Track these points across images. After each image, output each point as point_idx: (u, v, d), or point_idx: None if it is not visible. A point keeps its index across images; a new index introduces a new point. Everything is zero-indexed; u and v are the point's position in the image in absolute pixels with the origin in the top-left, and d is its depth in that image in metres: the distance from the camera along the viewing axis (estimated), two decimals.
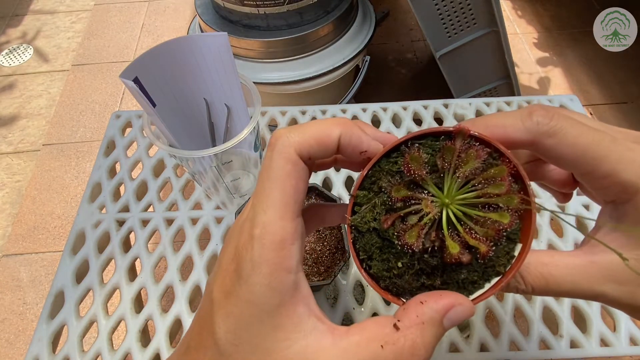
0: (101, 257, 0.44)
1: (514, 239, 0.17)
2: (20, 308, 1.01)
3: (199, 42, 0.35)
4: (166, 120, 0.35)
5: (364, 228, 0.17)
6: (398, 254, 0.17)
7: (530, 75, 1.41)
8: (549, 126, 0.17)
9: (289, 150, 0.16)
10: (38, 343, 0.39)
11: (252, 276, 0.15)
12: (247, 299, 0.15)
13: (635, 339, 0.38)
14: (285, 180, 0.16)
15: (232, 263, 0.16)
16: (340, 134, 0.17)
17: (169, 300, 0.42)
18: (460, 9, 0.89)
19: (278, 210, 0.16)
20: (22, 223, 1.14)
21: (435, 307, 0.16)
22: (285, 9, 0.83)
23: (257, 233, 0.15)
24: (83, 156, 1.28)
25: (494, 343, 0.38)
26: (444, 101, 0.56)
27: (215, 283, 0.17)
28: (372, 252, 0.17)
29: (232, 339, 0.15)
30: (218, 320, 0.16)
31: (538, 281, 0.17)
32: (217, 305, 0.16)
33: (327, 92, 1.00)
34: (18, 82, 1.50)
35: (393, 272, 0.17)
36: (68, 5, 1.80)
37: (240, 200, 0.45)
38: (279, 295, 0.15)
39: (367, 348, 0.15)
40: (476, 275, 0.17)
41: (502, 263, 0.17)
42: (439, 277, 0.17)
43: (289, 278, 0.15)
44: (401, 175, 0.17)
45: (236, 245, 0.16)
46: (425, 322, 0.15)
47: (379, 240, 0.17)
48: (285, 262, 0.15)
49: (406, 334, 0.15)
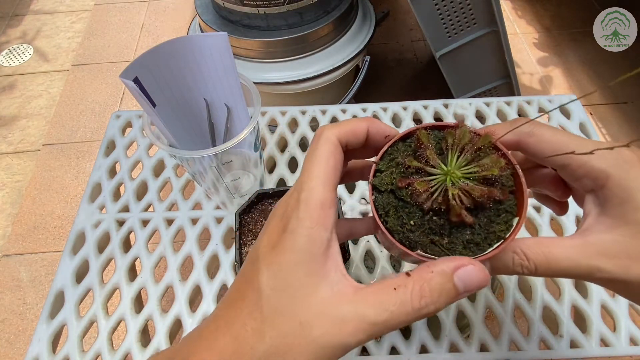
0: (101, 257, 0.44)
1: (511, 211, 0.20)
2: (20, 308, 1.01)
3: (199, 42, 0.35)
4: (166, 120, 0.35)
5: (383, 188, 0.21)
6: (410, 213, 0.20)
7: (530, 75, 1.41)
8: (529, 129, 0.22)
9: (331, 137, 0.21)
10: (38, 343, 0.39)
11: (297, 229, 0.18)
12: (291, 246, 0.18)
13: (635, 339, 0.38)
14: (329, 158, 0.20)
15: (280, 222, 0.19)
16: (367, 126, 0.22)
17: (169, 301, 0.42)
18: (460, 9, 0.89)
19: (321, 180, 0.19)
20: (22, 223, 1.14)
21: (445, 263, 0.18)
22: (285, 9, 0.83)
23: (304, 196, 0.19)
24: (83, 156, 1.28)
25: (494, 343, 0.38)
26: (444, 101, 0.56)
27: (262, 241, 0.20)
28: (388, 209, 0.21)
29: (273, 284, 0.18)
30: (262, 269, 0.19)
31: (540, 259, 0.20)
32: (262, 257, 0.19)
33: (327, 92, 1.00)
34: (18, 82, 1.50)
35: (406, 227, 0.20)
36: (68, 5, 1.80)
37: (240, 200, 0.45)
38: (316, 247, 0.18)
39: (382, 291, 0.18)
40: (479, 237, 0.20)
41: (503, 229, 0.20)
42: (446, 236, 0.20)
43: (325, 234, 0.19)
44: (414, 154, 0.21)
45: (284, 209, 0.20)
46: (435, 272, 0.18)
47: (395, 200, 0.21)
48: (324, 220, 0.19)
49: (416, 279, 0.18)
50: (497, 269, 0.21)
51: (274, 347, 0.17)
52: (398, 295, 0.18)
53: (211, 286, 0.42)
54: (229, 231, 0.46)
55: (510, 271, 0.20)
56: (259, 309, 0.18)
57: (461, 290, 0.18)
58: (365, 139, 0.22)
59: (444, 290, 0.18)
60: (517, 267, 0.20)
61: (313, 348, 0.17)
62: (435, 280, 0.18)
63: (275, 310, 0.18)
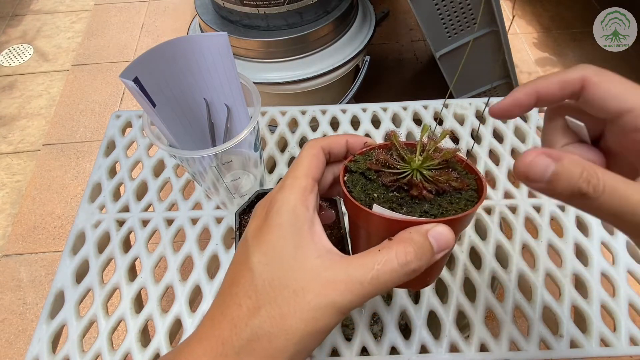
0: (101, 257, 0.44)
1: (471, 200, 0.22)
2: (20, 308, 1.01)
3: (199, 42, 0.35)
4: (166, 120, 0.35)
5: (354, 169, 0.24)
6: (376, 189, 0.23)
7: (530, 75, 1.41)
8: (595, 77, 0.20)
9: (314, 144, 0.24)
10: (38, 343, 0.39)
11: (282, 207, 0.20)
12: (278, 223, 0.20)
13: (635, 339, 0.38)
14: (312, 159, 0.23)
15: (265, 208, 0.22)
16: (347, 138, 0.25)
17: (169, 301, 0.42)
18: (460, 9, 0.89)
19: (304, 172, 0.22)
20: (22, 223, 1.14)
21: (420, 226, 0.20)
22: (285, 9, 0.83)
23: (288, 182, 0.22)
24: (83, 156, 1.28)
25: (493, 343, 0.38)
26: (444, 101, 0.56)
27: (249, 229, 0.22)
28: (356, 184, 0.23)
29: (264, 259, 0.20)
30: (253, 250, 0.20)
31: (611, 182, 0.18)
32: (251, 240, 0.21)
33: (327, 92, 1.00)
34: (18, 82, 1.50)
35: (369, 197, 0.22)
36: (68, 5, 1.80)
37: (240, 200, 0.45)
38: (300, 223, 0.20)
39: (367, 254, 0.20)
40: (437, 210, 0.21)
41: (461, 208, 0.22)
42: (405, 207, 0.22)
43: (308, 212, 0.21)
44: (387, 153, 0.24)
45: (268, 199, 0.22)
46: (413, 233, 0.20)
47: (364, 179, 0.23)
48: (306, 201, 0.21)
49: (397, 240, 0.20)
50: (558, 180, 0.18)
51: (269, 319, 0.18)
52: (382, 255, 0.19)
53: (211, 286, 0.42)
54: (229, 231, 0.46)
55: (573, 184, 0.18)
56: (254, 287, 0.19)
57: (435, 249, 0.20)
58: (347, 150, 0.25)
59: (423, 247, 0.19)
60: (582, 182, 0.18)
61: (307, 311, 0.18)
62: (415, 238, 0.20)
63: (270, 283, 0.19)
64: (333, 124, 0.55)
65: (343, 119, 0.55)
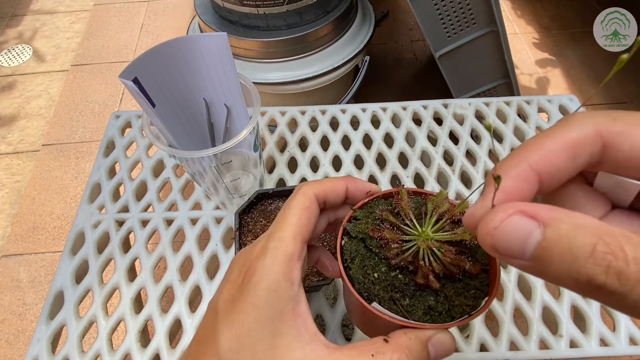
0: (101, 258, 0.44)
1: (481, 289, 0.19)
2: (19, 308, 1.00)
3: (198, 42, 0.35)
4: (166, 120, 0.35)
5: (354, 234, 0.21)
6: (376, 265, 0.20)
7: (530, 75, 1.41)
8: (616, 127, 0.14)
9: (308, 192, 0.20)
10: (37, 343, 0.39)
11: (260, 281, 0.17)
12: (253, 302, 0.17)
13: (635, 339, 0.38)
14: (302, 211, 0.20)
15: (241, 274, 0.18)
16: (347, 184, 0.22)
17: (168, 301, 0.42)
18: (460, 9, 0.89)
19: (292, 231, 0.19)
20: (21, 223, 1.14)
21: (420, 332, 0.18)
22: (284, 9, 0.83)
23: (272, 245, 0.18)
24: (82, 156, 1.28)
25: (493, 343, 0.38)
26: (444, 101, 0.56)
27: (221, 296, 0.18)
28: (355, 256, 0.20)
29: (235, 346, 0.16)
30: (222, 328, 0.17)
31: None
32: (221, 314, 0.17)
33: (326, 92, 1.00)
34: (17, 82, 1.50)
35: (368, 279, 0.20)
36: (67, 5, 1.79)
37: (240, 200, 0.45)
38: (283, 303, 0.17)
39: (359, 357, 0.17)
40: (443, 307, 0.19)
41: (469, 305, 0.19)
42: (408, 297, 0.19)
43: (292, 289, 0.17)
44: (392, 211, 0.21)
45: (246, 259, 0.19)
46: (412, 339, 0.17)
47: (364, 249, 0.20)
48: (291, 273, 0.18)
49: (394, 346, 0.17)
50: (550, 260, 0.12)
51: None
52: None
53: (211, 286, 0.42)
54: (229, 231, 0.46)
55: (577, 269, 0.12)
56: None
57: (432, 357, 0.18)
58: (345, 197, 0.22)
59: (420, 357, 0.17)
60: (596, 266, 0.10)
61: None
62: (414, 348, 0.17)
63: None
64: (333, 124, 0.55)
65: (343, 119, 0.55)
